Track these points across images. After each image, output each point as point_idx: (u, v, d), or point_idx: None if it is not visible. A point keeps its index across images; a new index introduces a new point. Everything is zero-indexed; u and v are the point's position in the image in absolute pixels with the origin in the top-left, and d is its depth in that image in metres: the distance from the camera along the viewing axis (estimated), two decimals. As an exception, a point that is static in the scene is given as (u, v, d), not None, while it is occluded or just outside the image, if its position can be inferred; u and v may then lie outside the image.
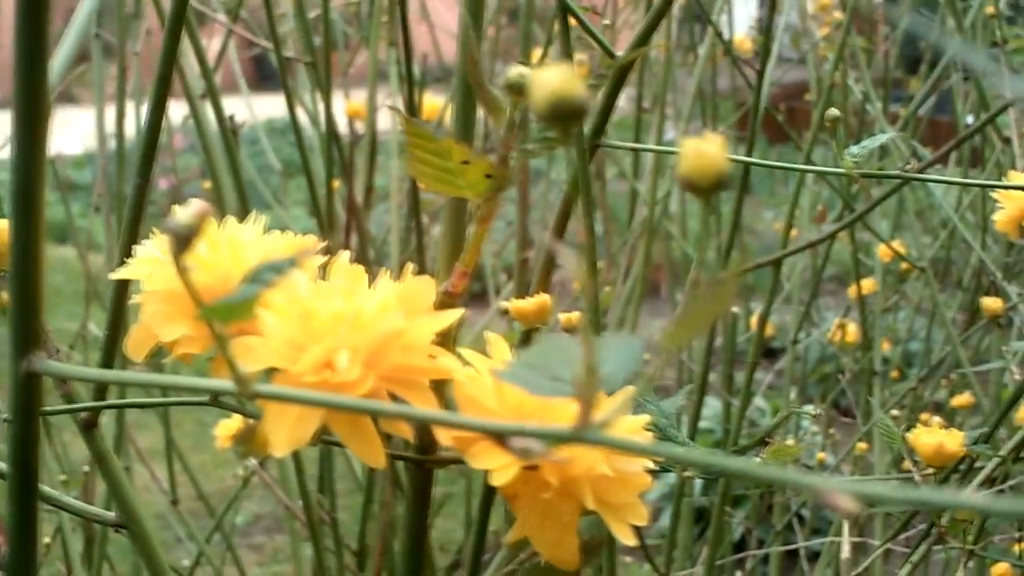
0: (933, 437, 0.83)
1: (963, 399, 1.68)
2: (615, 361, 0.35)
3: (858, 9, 2.05)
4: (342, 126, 1.72)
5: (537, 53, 1.83)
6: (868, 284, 1.72)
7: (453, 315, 0.48)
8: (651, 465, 0.51)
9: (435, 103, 1.75)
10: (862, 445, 1.66)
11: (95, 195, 1.77)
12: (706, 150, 0.33)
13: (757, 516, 1.95)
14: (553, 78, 0.30)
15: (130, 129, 1.53)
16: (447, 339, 0.50)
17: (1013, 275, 1.64)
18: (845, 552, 1.05)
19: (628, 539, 0.49)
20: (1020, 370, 1.04)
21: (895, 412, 1.08)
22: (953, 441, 0.82)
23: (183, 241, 0.36)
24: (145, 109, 1.13)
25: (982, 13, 1.66)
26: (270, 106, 2.14)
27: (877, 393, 1.66)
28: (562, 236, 0.83)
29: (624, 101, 2.25)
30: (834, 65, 1.41)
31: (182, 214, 0.36)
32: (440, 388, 0.49)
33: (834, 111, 0.67)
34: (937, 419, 1.07)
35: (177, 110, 1.38)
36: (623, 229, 1.90)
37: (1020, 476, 1.52)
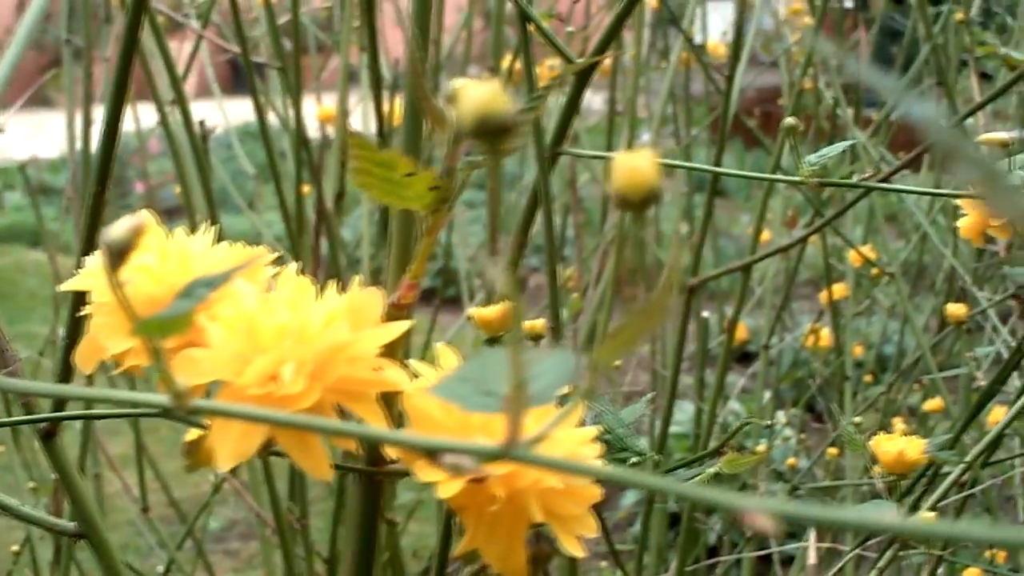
0: (894, 445, 0.83)
1: (935, 403, 1.68)
2: (550, 376, 0.35)
3: (830, 14, 2.06)
4: (314, 131, 1.72)
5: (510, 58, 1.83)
6: (839, 289, 1.72)
7: (400, 327, 0.48)
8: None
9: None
10: (832, 451, 1.67)
11: (65, 199, 1.76)
12: (637, 164, 0.33)
13: (731, 521, 1.96)
14: (479, 94, 0.30)
15: (99, 134, 1.52)
16: (396, 350, 0.50)
17: (984, 280, 1.64)
18: (811, 558, 1.04)
19: (576, 551, 0.49)
20: (985, 376, 1.04)
21: (857, 419, 1.08)
22: (913, 448, 0.82)
23: (117, 255, 0.36)
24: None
25: (954, 18, 1.67)
26: (246, 110, 2.13)
27: (848, 397, 1.66)
28: (524, 242, 0.83)
29: (600, 104, 2.25)
30: (803, 70, 1.41)
31: (116, 228, 0.36)
32: (390, 400, 0.49)
33: (790, 120, 0.67)
34: (902, 425, 1.07)
35: (152, 114, 1.38)
36: (597, 233, 1.90)
37: (990, 480, 1.52)
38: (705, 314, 1.51)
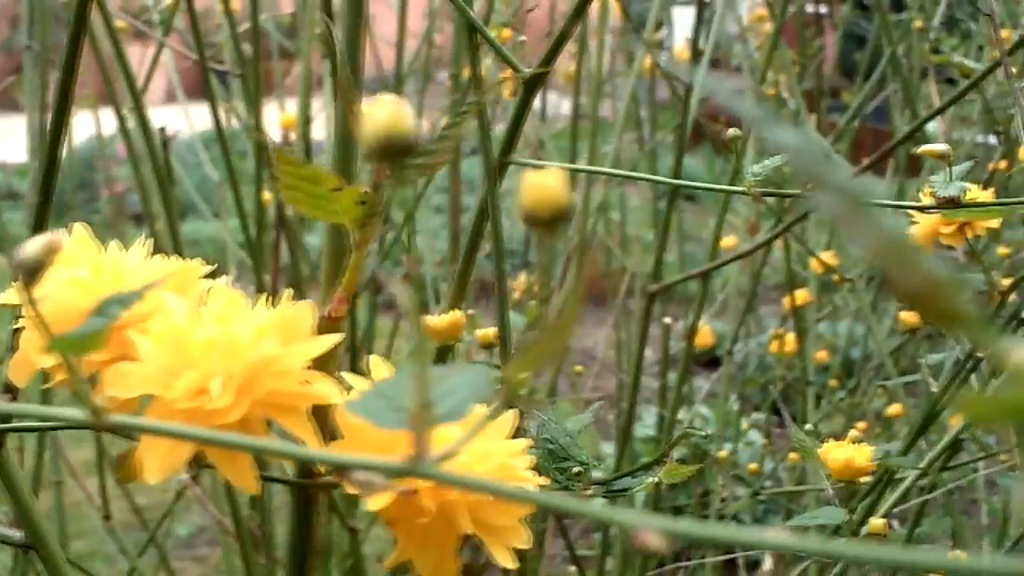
0: (842, 452, 0.83)
1: (898, 408, 1.69)
2: (462, 392, 0.35)
3: (792, 20, 2.06)
4: (279, 137, 1.72)
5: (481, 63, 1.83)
6: (803, 294, 1.73)
7: (331, 340, 0.48)
8: (533, 487, 0.51)
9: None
10: (793, 456, 1.67)
11: (25, 204, 1.75)
12: (546, 183, 0.33)
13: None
14: (382, 114, 0.31)
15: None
16: (329, 362, 0.50)
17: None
18: (767, 564, 1.05)
19: (507, 562, 0.49)
20: (937, 382, 1.05)
21: (809, 425, 1.08)
22: (861, 456, 0.83)
23: (31, 273, 0.36)
24: (76, 119, 1.13)
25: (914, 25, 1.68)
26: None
27: (811, 402, 1.67)
28: (475, 251, 0.83)
29: (568, 110, 2.25)
30: (761, 76, 1.42)
31: (29, 246, 0.36)
32: (323, 413, 0.49)
33: (734, 131, 0.67)
34: (856, 431, 1.08)
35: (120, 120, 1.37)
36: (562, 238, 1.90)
37: (951, 484, 1.53)
38: (667, 320, 1.52)
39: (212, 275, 0.53)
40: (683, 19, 2.78)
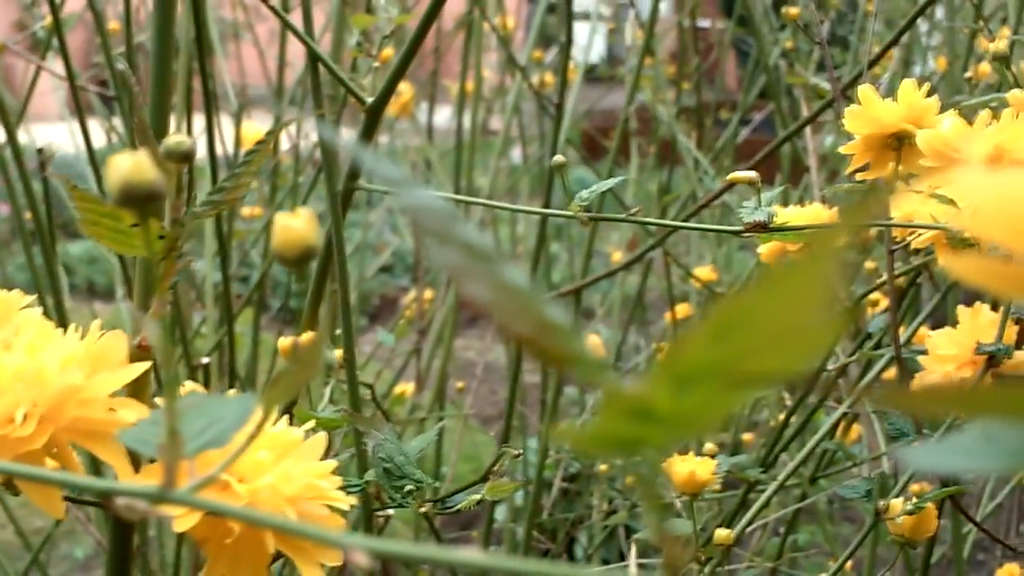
0: (685, 465, 0.86)
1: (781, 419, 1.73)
2: (227, 420, 0.37)
3: (686, 36, 2.11)
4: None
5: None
6: (683, 308, 1.77)
7: (140, 368, 0.49)
8: (344, 506, 0.53)
9: (258, 131, 1.76)
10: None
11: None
12: (293, 224, 0.35)
13: (603, 538, 1.98)
14: (124, 164, 0.33)
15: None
16: (142, 389, 0.51)
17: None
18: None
19: (318, 578, 0.51)
20: (791, 396, 1.09)
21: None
22: (704, 469, 0.86)
23: None
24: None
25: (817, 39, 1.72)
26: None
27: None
28: (326, 276, 0.85)
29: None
30: (630, 95, 1.46)
31: None
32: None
33: (558, 159, 0.70)
34: (711, 445, 1.11)
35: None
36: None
37: (821, 494, 1.57)
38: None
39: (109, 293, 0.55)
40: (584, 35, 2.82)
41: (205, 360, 1.29)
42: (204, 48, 1.19)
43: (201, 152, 1.70)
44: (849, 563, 1.80)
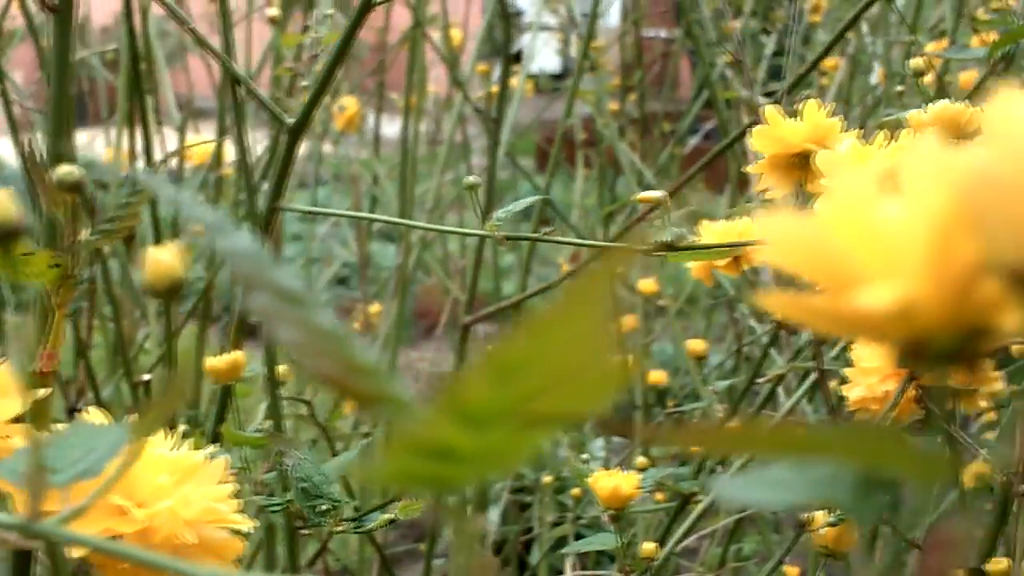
0: (610, 480, 0.87)
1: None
2: (101, 450, 0.38)
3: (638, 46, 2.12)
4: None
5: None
6: (630, 320, 1.78)
7: (37, 395, 0.50)
8: (245, 528, 0.54)
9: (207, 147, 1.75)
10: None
11: None
12: (162, 258, 0.36)
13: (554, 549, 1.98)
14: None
15: None
16: (42, 416, 0.52)
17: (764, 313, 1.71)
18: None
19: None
20: (723, 408, 1.10)
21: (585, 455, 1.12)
22: (627, 484, 0.87)
23: None
24: None
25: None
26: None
27: (640, 425, 1.72)
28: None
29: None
30: (567, 107, 1.46)
31: None
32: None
33: (471, 179, 0.70)
34: (641, 459, 1.12)
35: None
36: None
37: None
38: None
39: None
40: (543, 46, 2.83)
41: (147, 377, 1.29)
42: (139, 65, 1.20)
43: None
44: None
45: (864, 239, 0.23)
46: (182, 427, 1.01)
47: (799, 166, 0.68)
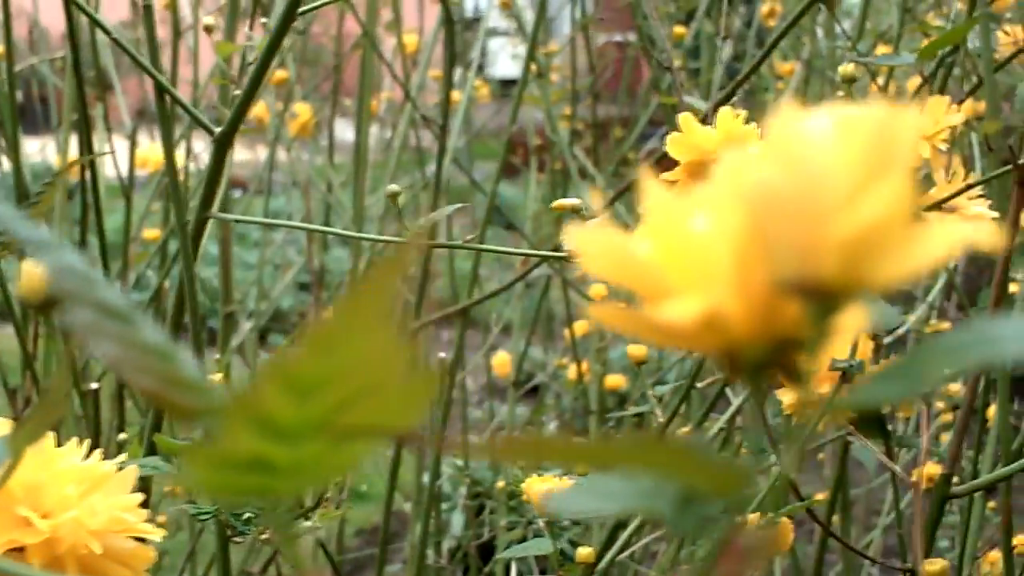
0: (544, 485, 0.87)
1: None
2: None
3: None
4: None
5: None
6: (582, 326, 1.79)
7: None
8: (156, 538, 0.54)
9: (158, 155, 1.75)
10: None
11: None
12: (35, 273, 0.36)
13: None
14: None
15: None
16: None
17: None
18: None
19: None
20: (663, 413, 1.10)
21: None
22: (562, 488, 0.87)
23: None
24: None
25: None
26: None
27: (596, 429, 1.73)
28: (183, 305, 0.86)
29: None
30: (513, 112, 1.47)
31: None
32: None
33: (391, 188, 0.71)
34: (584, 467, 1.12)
35: None
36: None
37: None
38: (442, 355, 1.56)
39: None
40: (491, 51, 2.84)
41: (95, 386, 1.29)
42: (81, 73, 1.20)
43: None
44: None
45: (676, 252, 0.24)
46: (122, 436, 1.02)
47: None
